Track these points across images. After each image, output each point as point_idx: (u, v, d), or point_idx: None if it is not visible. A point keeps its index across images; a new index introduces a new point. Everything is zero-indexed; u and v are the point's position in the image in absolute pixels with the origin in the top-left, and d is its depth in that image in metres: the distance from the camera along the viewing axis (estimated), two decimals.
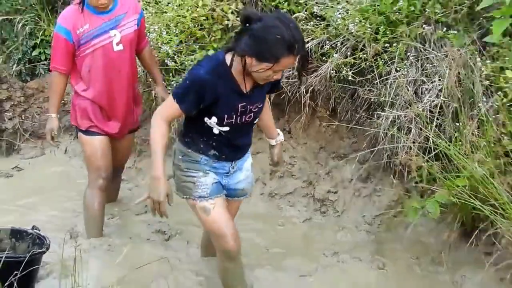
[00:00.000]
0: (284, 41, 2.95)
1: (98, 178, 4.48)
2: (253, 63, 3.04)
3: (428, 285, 3.86)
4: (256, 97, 3.31)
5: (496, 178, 3.55)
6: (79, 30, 4.23)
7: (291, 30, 2.99)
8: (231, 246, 3.48)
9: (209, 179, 3.44)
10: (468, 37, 4.03)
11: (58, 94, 4.42)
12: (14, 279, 3.20)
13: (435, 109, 4.02)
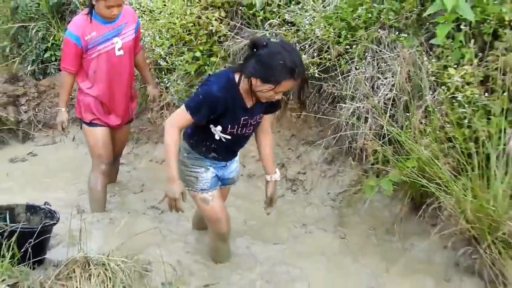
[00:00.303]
0: (286, 67, 2.96)
1: (101, 164, 4.44)
2: (258, 83, 3.04)
3: (383, 252, 3.82)
4: (256, 112, 3.31)
5: (440, 160, 3.51)
6: (87, 36, 4.19)
7: (292, 57, 3.00)
8: (224, 230, 3.58)
9: (209, 174, 3.46)
10: (417, 40, 3.98)
11: (67, 91, 4.38)
12: (29, 246, 3.19)
13: (388, 101, 3.98)
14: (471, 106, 3.59)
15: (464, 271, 3.47)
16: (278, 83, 2.99)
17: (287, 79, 2.99)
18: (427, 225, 3.78)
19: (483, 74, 3.64)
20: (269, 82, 3.00)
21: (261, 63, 3.01)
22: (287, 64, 2.96)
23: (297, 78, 3.03)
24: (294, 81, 3.04)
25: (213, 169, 3.49)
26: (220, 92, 3.12)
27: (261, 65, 3.01)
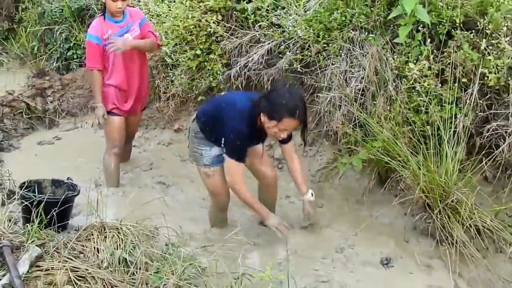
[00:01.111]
0: (288, 107, 3.04)
1: (114, 148, 4.51)
2: (265, 120, 3.14)
3: (353, 218, 3.88)
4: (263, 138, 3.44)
5: (400, 140, 3.59)
6: (105, 35, 4.26)
7: (295, 100, 3.10)
8: (223, 202, 3.67)
9: (213, 152, 3.46)
10: (383, 39, 4.00)
11: (99, 87, 4.39)
12: (54, 213, 3.27)
13: (358, 92, 4.01)
14: (428, 95, 3.66)
15: (420, 233, 3.56)
16: (280, 120, 3.07)
17: (288, 117, 3.06)
18: (391, 195, 3.83)
19: (439, 68, 3.71)
20: (273, 118, 3.09)
21: (269, 101, 3.11)
22: (289, 105, 3.05)
23: (298, 119, 3.10)
24: (295, 120, 3.10)
25: (218, 147, 3.44)
26: (247, 128, 3.22)
27: (269, 103, 3.11)
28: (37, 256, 2.83)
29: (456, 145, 3.43)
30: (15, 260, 2.74)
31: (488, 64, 3.46)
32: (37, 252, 2.85)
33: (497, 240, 3.22)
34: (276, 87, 3.25)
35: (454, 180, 3.33)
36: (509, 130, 3.39)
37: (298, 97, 3.18)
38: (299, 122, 3.16)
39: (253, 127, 3.26)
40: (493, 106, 3.58)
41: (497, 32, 3.49)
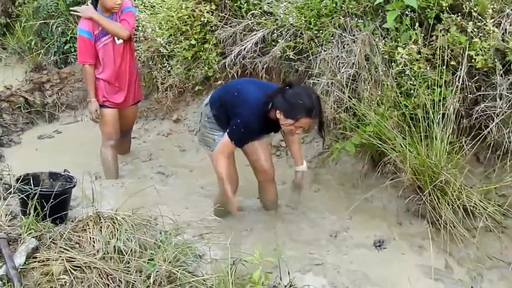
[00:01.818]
0: (305, 107, 3.14)
1: (109, 140, 4.60)
2: (281, 117, 3.22)
3: (348, 202, 3.92)
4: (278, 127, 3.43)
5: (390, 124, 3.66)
6: (96, 31, 4.33)
7: (312, 100, 3.18)
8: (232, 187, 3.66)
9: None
10: (373, 25, 4.03)
11: (92, 82, 4.46)
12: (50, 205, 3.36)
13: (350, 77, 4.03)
14: (417, 79, 3.72)
15: (412, 215, 3.66)
16: (297, 120, 3.16)
17: (304, 117, 3.16)
18: (384, 179, 3.86)
19: (428, 51, 3.76)
20: (290, 117, 3.17)
21: (285, 100, 3.19)
22: (306, 105, 3.14)
23: (314, 118, 3.20)
24: (311, 120, 3.21)
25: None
26: (255, 122, 3.32)
27: (285, 101, 3.19)
28: (34, 247, 2.95)
29: (446, 127, 3.50)
30: (12, 252, 2.86)
31: (475, 47, 3.52)
32: (34, 243, 2.97)
33: (486, 220, 3.29)
34: (292, 85, 3.29)
35: (444, 162, 3.40)
36: (497, 111, 3.46)
37: (315, 96, 3.26)
38: (315, 120, 3.26)
39: (262, 119, 3.34)
40: (482, 88, 3.64)
41: (484, 15, 3.54)
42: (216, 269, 3.03)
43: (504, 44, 3.49)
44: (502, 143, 3.52)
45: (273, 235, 3.63)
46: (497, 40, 3.48)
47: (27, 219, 3.18)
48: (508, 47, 3.47)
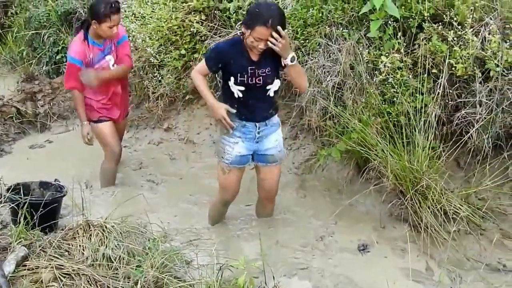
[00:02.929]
0: (261, 15, 3.15)
1: (113, 153, 4.57)
2: (244, 30, 3.27)
3: (333, 208, 4.01)
4: (263, 65, 3.34)
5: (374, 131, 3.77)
6: (87, 58, 4.27)
7: (270, 10, 3.18)
8: (228, 199, 3.78)
9: (236, 150, 3.52)
10: (358, 34, 4.14)
11: (82, 106, 4.39)
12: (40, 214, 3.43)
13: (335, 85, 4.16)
14: (400, 87, 3.84)
15: (395, 219, 3.76)
16: (253, 29, 3.17)
17: (260, 25, 3.14)
18: (369, 184, 3.95)
19: (411, 60, 3.88)
20: (248, 27, 3.20)
21: (247, 13, 3.32)
22: (262, 13, 3.15)
23: (269, 27, 3.12)
24: (267, 30, 3.14)
25: (243, 143, 3.51)
26: (225, 46, 3.46)
27: (246, 14, 3.32)
28: (23, 255, 3.03)
29: (428, 134, 3.61)
30: (1, 260, 2.94)
31: (456, 55, 3.64)
32: (23, 251, 3.05)
33: (466, 223, 3.40)
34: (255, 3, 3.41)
35: (425, 167, 3.51)
36: (477, 117, 3.58)
37: (274, 7, 3.24)
38: (271, 31, 3.15)
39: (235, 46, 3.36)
40: (462, 95, 3.76)
41: (464, 24, 3.66)
42: (203, 275, 3.10)
43: (483, 52, 3.61)
44: (482, 148, 3.64)
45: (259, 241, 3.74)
46: (477, 49, 3.60)
47: (17, 228, 3.26)
48: (487, 55, 3.59)
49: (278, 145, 3.63)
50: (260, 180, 3.80)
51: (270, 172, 3.70)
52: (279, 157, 3.67)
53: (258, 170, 3.75)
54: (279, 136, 3.65)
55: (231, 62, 3.37)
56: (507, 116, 3.59)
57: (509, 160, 3.61)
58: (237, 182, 3.69)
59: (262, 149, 3.59)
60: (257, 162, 3.67)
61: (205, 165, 5.02)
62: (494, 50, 3.55)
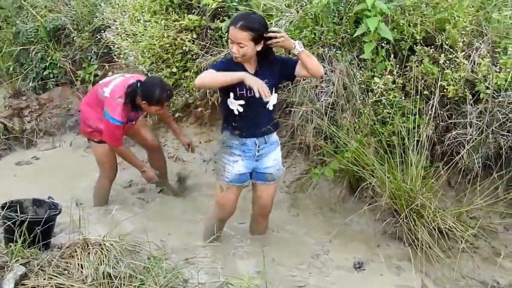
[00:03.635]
0: (234, 19, 3.31)
1: (110, 173, 4.60)
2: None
3: (327, 226, 4.10)
4: (260, 77, 3.33)
5: (368, 151, 3.87)
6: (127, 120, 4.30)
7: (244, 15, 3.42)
8: (226, 215, 3.82)
9: (236, 169, 3.55)
10: (351, 56, 4.23)
11: (132, 155, 4.52)
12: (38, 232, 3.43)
13: (329, 105, 4.22)
14: (393, 107, 3.94)
15: (389, 238, 3.84)
16: (228, 31, 3.32)
17: (231, 25, 3.26)
18: (362, 203, 4.06)
19: (402, 81, 4.00)
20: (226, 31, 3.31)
21: None
22: (236, 17, 3.31)
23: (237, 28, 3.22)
24: (235, 30, 3.23)
25: (242, 161, 3.54)
26: (224, 62, 3.56)
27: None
28: (22, 274, 3.01)
29: (420, 154, 3.71)
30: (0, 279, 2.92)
31: (447, 77, 3.77)
32: (22, 270, 3.03)
33: (459, 241, 3.50)
34: None
35: (419, 186, 3.61)
36: (467, 138, 3.71)
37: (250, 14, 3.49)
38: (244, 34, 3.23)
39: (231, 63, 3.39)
40: (453, 116, 3.88)
41: (455, 47, 3.80)
42: None
43: (473, 75, 3.75)
44: (473, 168, 3.76)
45: (255, 259, 3.78)
46: (467, 71, 3.74)
47: (15, 246, 3.24)
48: (477, 78, 3.73)
49: (277, 164, 3.69)
50: (256, 197, 3.84)
51: (266, 190, 3.76)
52: (277, 175, 3.73)
53: (254, 187, 3.80)
54: (278, 154, 3.71)
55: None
56: (497, 137, 3.71)
57: (499, 180, 3.72)
58: (235, 200, 3.73)
59: (261, 168, 3.64)
60: (255, 180, 3.71)
61: (195, 183, 5.05)
62: (484, 73, 3.68)
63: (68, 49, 6.28)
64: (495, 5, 3.98)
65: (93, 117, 4.39)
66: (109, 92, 4.20)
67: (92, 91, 4.52)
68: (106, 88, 4.26)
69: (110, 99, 4.18)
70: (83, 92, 6.19)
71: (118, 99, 4.15)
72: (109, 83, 4.30)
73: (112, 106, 4.15)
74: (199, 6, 5.28)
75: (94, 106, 4.37)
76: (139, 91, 4.15)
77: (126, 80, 4.26)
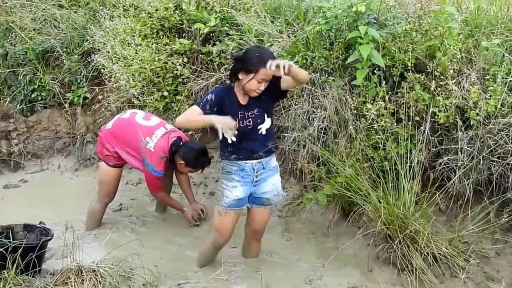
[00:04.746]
0: (262, 58, 3.30)
1: (106, 197, 4.63)
2: (243, 76, 3.40)
3: (320, 250, 4.14)
4: (251, 107, 3.51)
5: (361, 176, 3.92)
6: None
7: (265, 51, 3.46)
8: (223, 241, 3.84)
9: (234, 194, 3.61)
10: (342, 81, 4.30)
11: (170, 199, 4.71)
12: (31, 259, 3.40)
13: (321, 131, 4.28)
14: (384, 133, 4.01)
15: (383, 263, 3.87)
16: (257, 71, 3.33)
17: (264, 67, 3.27)
18: (354, 227, 4.12)
19: (394, 107, 4.08)
20: (251, 72, 3.34)
21: (242, 60, 3.40)
22: (263, 56, 3.33)
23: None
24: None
25: (241, 187, 3.60)
26: (218, 92, 3.55)
27: (242, 61, 3.40)
28: None
29: (412, 179, 3.77)
30: None
31: (438, 104, 3.86)
32: None
33: (452, 266, 3.55)
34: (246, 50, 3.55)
35: (412, 212, 3.66)
36: (459, 163, 3.78)
37: (268, 50, 3.52)
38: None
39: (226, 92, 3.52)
40: (444, 142, 3.96)
41: (445, 74, 3.89)
42: None
43: (464, 101, 3.84)
44: (464, 193, 3.82)
45: (249, 284, 3.81)
46: (458, 98, 3.82)
47: (8, 273, 3.21)
48: (467, 105, 3.82)
49: (275, 189, 3.75)
50: (250, 220, 3.89)
51: (261, 213, 3.81)
52: (274, 200, 3.81)
53: (249, 210, 3.83)
54: (277, 180, 3.77)
55: (225, 108, 3.50)
56: (488, 163, 3.79)
57: (490, 205, 3.79)
58: (233, 225, 3.76)
59: (258, 192, 3.70)
60: (251, 203, 3.75)
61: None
62: (474, 100, 3.77)
63: (57, 72, 6.26)
64: (484, 33, 4.08)
65: (119, 147, 4.46)
66: (153, 147, 4.30)
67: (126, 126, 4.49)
68: (149, 138, 4.33)
69: (155, 154, 4.29)
70: (71, 115, 6.20)
71: (162, 154, 4.30)
72: (152, 133, 4.37)
73: (157, 161, 4.30)
74: (189, 30, 5.34)
75: (124, 141, 4.44)
76: (181, 151, 4.30)
77: (168, 135, 4.38)
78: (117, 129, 4.49)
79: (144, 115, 4.58)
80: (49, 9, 6.37)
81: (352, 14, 4.07)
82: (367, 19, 4.14)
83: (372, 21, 4.18)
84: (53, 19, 6.35)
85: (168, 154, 4.30)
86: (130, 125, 4.46)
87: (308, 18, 4.67)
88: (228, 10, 5.13)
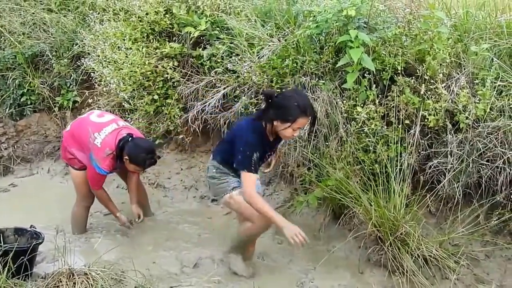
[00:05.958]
0: (299, 107, 3.33)
1: (87, 200, 4.58)
2: (279, 124, 3.40)
3: (311, 253, 4.13)
4: (276, 143, 3.69)
5: (351, 179, 3.94)
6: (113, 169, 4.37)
7: (304, 99, 3.44)
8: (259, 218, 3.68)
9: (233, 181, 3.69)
10: (332, 84, 4.33)
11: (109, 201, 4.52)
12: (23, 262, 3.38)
13: (311, 134, 4.31)
14: (375, 136, 4.03)
15: (373, 265, 3.89)
16: (295, 121, 3.36)
17: (302, 117, 3.36)
18: (345, 230, 4.14)
19: (384, 111, 4.11)
20: (288, 121, 3.37)
21: (278, 107, 3.39)
22: (300, 104, 3.36)
23: (309, 115, 3.41)
24: (307, 118, 3.40)
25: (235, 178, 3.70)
26: (256, 139, 3.50)
27: (279, 108, 3.39)
28: None
29: (402, 182, 3.80)
30: None
31: (428, 107, 3.89)
32: None
33: (442, 268, 3.57)
34: (282, 93, 3.56)
35: (402, 214, 3.69)
36: (448, 166, 3.81)
37: (304, 95, 3.58)
38: (310, 118, 3.45)
39: (261, 136, 3.53)
40: (434, 145, 4.00)
41: (435, 78, 3.93)
42: None
43: (453, 105, 3.87)
44: (453, 196, 3.86)
45: (240, 287, 3.80)
46: (447, 102, 3.86)
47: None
48: (457, 108, 3.85)
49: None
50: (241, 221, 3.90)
51: None
52: None
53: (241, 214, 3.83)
54: None
55: (261, 150, 3.56)
56: (477, 166, 3.82)
57: (479, 208, 3.83)
58: None
59: None
60: None
61: (177, 210, 5.06)
62: (463, 104, 3.81)
63: (46, 76, 6.22)
64: (472, 38, 4.12)
65: (76, 149, 4.40)
66: (100, 142, 4.21)
67: (79, 125, 4.45)
68: (97, 134, 4.25)
69: (101, 150, 4.19)
70: (61, 118, 6.16)
71: (108, 151, 4.18)
72: (101, 129, 4.28)
73: (102, 158, 4.19)
74: (180, 34, 5.34)
75: (79, 141, 4.38)
76: (127, 146, 4.18)
77: (118, 131, 4.27)
78: (74, 130, 4.45)
79: (100, 113, 4.54)
80: (39, 13, 6.34)
81: (343, 18, 4.09)
82: (357, 23, 4.16)
83: (362, 25, 4.22)
84: (42, 23, 6.32)
85: (115, 150, 4.19)
86: (83, 124, 4.41)
87: (298, 22, 4.69)
88: (218, 14, 5.15)
